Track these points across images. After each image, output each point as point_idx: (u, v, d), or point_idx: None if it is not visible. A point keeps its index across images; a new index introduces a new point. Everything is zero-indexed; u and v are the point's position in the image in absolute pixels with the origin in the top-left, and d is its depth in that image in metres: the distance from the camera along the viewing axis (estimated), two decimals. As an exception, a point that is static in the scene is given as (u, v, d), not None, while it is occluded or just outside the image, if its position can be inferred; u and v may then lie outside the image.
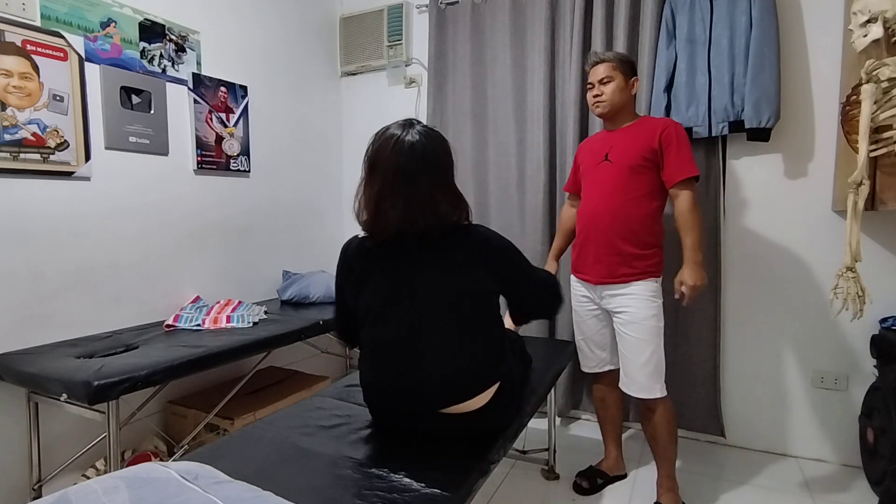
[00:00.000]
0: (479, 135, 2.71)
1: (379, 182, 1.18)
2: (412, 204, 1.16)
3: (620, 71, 1.79)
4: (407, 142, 1.18)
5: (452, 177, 1.25)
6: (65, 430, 1.87)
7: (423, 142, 1.19)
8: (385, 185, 1.17)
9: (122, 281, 2.05)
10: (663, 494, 1.80)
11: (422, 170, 1.17)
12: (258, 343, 1.93)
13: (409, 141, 1.18)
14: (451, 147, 1.26)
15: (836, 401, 2.13)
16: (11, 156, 1.70)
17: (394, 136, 1.19)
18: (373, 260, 1.26)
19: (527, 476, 2.08)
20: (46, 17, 1.80)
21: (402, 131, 1.19)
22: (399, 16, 2.88)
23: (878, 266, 2.00)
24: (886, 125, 1.55)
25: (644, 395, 1.76)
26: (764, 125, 2.03)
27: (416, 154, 1.17)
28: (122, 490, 0.85)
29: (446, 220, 1.21)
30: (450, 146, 1.26)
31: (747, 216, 2.24)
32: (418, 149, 1.17)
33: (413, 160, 1.17)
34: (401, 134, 1.19)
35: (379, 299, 1.24)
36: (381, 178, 1.18)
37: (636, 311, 1.74)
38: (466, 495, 1.10)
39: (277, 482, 1.05)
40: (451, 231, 1.23)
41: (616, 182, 1.78)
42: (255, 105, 2.61)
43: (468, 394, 1.21)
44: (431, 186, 1.18)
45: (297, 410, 1.48)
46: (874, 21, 1.56)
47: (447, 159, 1.24)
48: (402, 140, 1.18)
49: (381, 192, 1.18)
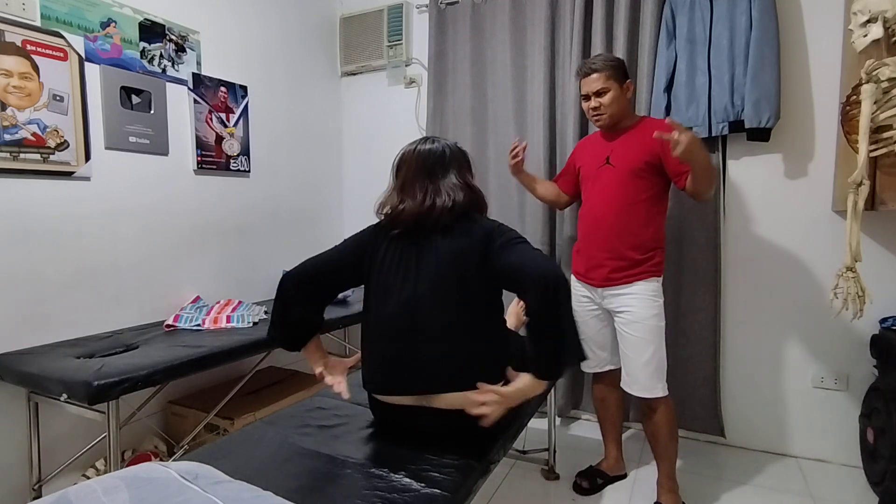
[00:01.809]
0: (479, 135, 2.71)
1: (402, 177, 1.36)
2: (431, 193, 1.30)
3: (614, 79, 1.76)
4: (428, 148, 1.37)
5: (470, 175, 1.39)
6: (65, 430, 1.87)
7: (441, 146, 1.37)
8: (407, 178, 1.34)
9: (122, 281, 2.05)
10: (663, 494, 1.80)
11: (439, 165, 1.34)
12: (258, 343, 1.93)
13: (430, 147, 1.37)
14: (468, 156, 1.43)
15: (836, 401, 2.13)
16: (11, 156, 1.70)
17: (417, 145, 1.38)
18: (386, 244, 1.33)
19: (527, 476, 2.08)
20: (46, 17, 1.79)
21: (424, 143, 1.38)
22: (399, 16, 2.88)
23: (878, 266, 2.00)
24: (886, 125, 1.55)
25: (646, 394, 1.76)
26: (764, 125, 2.03)
27: (436, 154, 1.35)
28: (122, 490, 0.85)
29: (461, 211, 1.30)
30: (468, 155, 1.43)
31: (747, 216, 2.24)
32: (437, 150, 1.36)
33: (432, 156, 1.35)
34: (423, 144, 1.38)
35: (386, 280, 1.29)
36: (403, 173, 1.36)
37: (638, 310, 1.74)
38: (466, 495, 1.10)
39: (278, 482, 1.05)
40: (463, 220, 1.29)
41: (618, 186, 1.78)
42: (255, 105, 2.61)
43: (465, 383, 1.20)
44: (448, 179, 1.33)
45: (297, 410, 1.48)
46: (874, 21, 1.56)
47: (464, 161, 1.40)
48: (423, 146, 1.37)
49: (404, 184, 1.34)
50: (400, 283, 1.26)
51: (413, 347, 1.23)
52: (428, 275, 1.24)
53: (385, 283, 1.29)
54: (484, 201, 1.38)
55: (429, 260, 1.26)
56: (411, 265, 1.27)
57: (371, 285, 1.33)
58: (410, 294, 1.24)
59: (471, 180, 1.37)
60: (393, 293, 1.27)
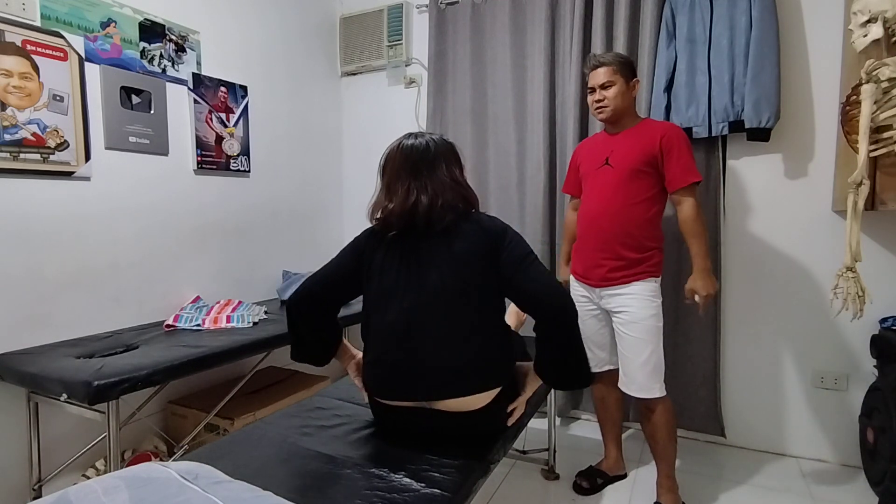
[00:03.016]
0: (479, 135, 2.71)
1: (388, 176, 1.31)
2: (417, 191, 1.25)
3: (621, 74, 1.77)
4: (411, 143, 1.31)
5: (458, 171, 1.33)
6: (65, 430, 1.87)
7: (426, 142, 1.31)
8: (392, 178, 1.29)
9: (122, 281, 2.05)
10: (663, 494, 1.81)
11: (424, 161, 1.28)
12: (258, 343, 1.93)
13: (413, 143, 1.31)
14: (457, 148, 1.36)
15: (836, 401, 2.13)
16: (11, 156, 1.70)
17: (400, 141, 1.32)
18: (383, 248, 1.30)
19: (527, 476, 2.08)
20: (46, 17, 1.80)
21: (408, 138, 1.33)
22: (399, 16, 2.88)
23: (878, 266, 2.00)
24: (886, 125, 1.55)
25: (643, 394, 1.76)
26: (764, 125, 2.03)
27: (419, 150, 1.29)
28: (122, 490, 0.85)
29: (451, 209, 1.26)
30: (456, 147, 1.36)
31: (747, 216, 2.24)
32: (421, 146, 1.30)
33: (415, 152, 1.29)
34: (407, 139, 1.32)
35: (385, 285, 1.27)
36: (388, 173, 1.31)
37: (636, 310, 1.74)
38: (466, 495, 1.10)
39: (277, 482, 1.05)
40: (457, 221, 1.26)
41: (616, 187, 1.78)
42: (255, 105, 2.61)
43: (469, 388, 1.21)
44: (434, 176, 1.27)
45: (297, 410, 1.48)
46: (874, 21, 1.56)
47: (451, 156, 1.33)
48: (407, 142, 1.31)
49: (389, 184, 1.30)
50: (401, 289, 1.24)
51: (415, 355, 1.21)
52: (429, 281, 1.22)
53: (385, 289, 1.26)
54: (474, 196, 1.34)
55: (429, 266, 1.23)
56: (412, 271, 1.24)
57: (370, 291, 1.30)
58: (412, 301, 1.22)
59: (458, 175, 1.32)
60: (393, 300, 1.24)
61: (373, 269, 1.29)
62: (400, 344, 1.23)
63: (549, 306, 1.19)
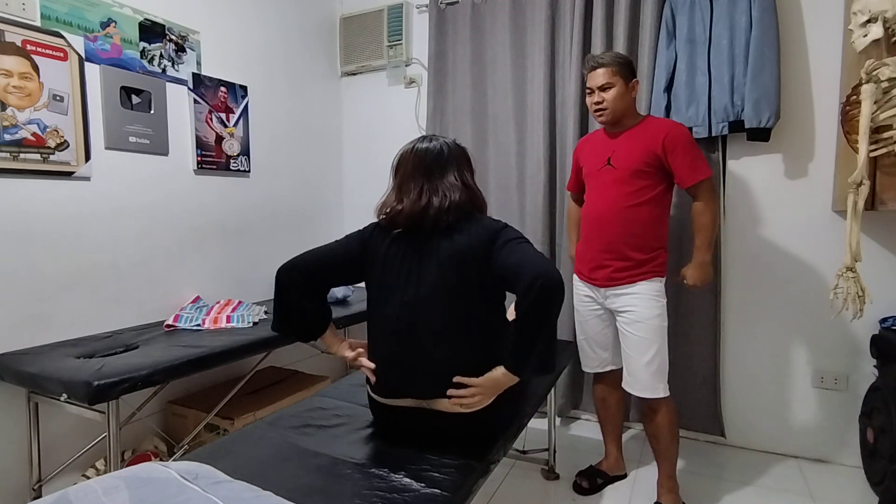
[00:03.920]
0: (479, 135, 2.71)
1: (400, 176, 1.34)
2: (429, 192, 1.28)
3: (620, 75, 1.74)
4: (426, 146, 1.34)
5: (470, 175, 1.37)
6: (65, 430, 1.87)
7: (440, 145, 1.35)
8: (404, 178, 1.33)
9: (122, 281, 2.05)
10: (664, 494, 1.80)
11: (437, 164, 1.32)
12: (258, 343, 1.93)
13: (427, 146, 1.34)
14: (468, 153, 1.40)
15: (836, 401, 2.13)
16: (11, 156, 1.70)
17: (415, 144, 1.36)
18: (387, 242, 1.31)
19: (527, 476, 2.08)
20: (46, 17, 1.79)
21: (422, 141, 1.36)
22: (399, 16, 2.88)
23: (878, 266, 2.00)
24: (886, 125, 1.55)
25: (647, 394, 1.75)
26: (764, 125, 2.03)
27: (433, 152, 1.33)
28: (122, 490, 0.85)
29: (459, 210, 1.28)
30: (467, 152, 1.40)
31: (747, 216, 2.24)
32: (435, 150, 1.34)
33: (429, 155, 1.33)
34: (421, 142, 1.36)
35: (387, 279, 1.28)
36: (401, 172, 1.34)
37: (641, 310, 1.74)
38: (466, 495, 1.10)
39: (277, 482, 1.05)
40: (465, 220, 1.28)
41: (619, 187, 1.77)
42: (255, 105, 2.61)
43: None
44: (446, 178, 1.31)
45: (297, 410, 1.48)
46: (874, 21, 1.57)
47: (464, 160, 1.37)
48: (421, 145, 1.35)
49: (401, 184, 1.33)
50: (402, 284, 1.26)
51: (414, 350, 1.22)
52: (429, 277, 1.24)
53: (386, 284, 1.29)
54: (483, 200, 1.37)
55: (430, 261, 1.25)
56: (413, 266, 1.26)
57: (372, 284, 1.33)
58: (412, 296, 1.24)
59: (469, 179, 1.35)
60: (394, 294, 1.26)
61: (376, 260, 1.31)
62: (399, 339, 1.24)
63: (530, 273, 1.09)
